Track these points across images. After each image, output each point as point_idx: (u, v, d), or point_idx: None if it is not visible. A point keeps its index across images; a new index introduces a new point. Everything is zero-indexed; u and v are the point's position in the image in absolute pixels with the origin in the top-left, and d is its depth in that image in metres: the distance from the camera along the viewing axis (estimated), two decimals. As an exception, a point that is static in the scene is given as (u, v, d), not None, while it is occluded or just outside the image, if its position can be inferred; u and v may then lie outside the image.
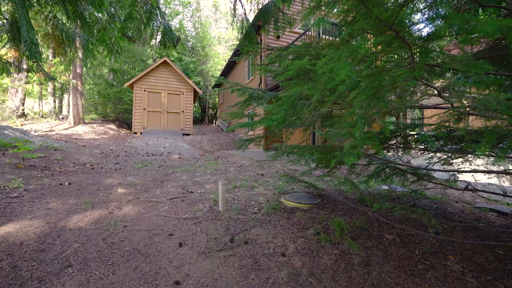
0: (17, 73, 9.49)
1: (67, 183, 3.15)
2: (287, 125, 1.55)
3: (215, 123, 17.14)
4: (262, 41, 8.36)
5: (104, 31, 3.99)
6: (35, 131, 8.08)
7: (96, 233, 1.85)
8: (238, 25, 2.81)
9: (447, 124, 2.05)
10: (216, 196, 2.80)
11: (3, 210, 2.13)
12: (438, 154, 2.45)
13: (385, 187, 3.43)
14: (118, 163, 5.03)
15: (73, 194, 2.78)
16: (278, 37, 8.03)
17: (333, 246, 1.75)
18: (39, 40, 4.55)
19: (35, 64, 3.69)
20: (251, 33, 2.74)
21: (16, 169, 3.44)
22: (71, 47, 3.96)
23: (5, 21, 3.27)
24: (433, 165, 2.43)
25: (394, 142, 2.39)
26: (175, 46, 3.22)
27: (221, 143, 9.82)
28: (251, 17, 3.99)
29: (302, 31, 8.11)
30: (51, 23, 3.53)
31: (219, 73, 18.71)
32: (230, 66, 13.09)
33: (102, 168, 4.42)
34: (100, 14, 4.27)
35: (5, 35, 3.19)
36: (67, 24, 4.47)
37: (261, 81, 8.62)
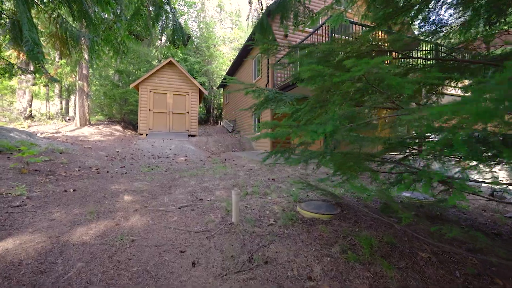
0: (21, 74, 9.47)
1: (71, 190, 3.02)
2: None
3: (220, 123, 17.02)
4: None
5: (110, 30, 3.87)
6: (41, 133, 8.04)
7: (101, 249, 1.70)
8: (253, 20, 2.62)
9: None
10: (227, 204, 2.63)
11: (3, 222, 1.99)
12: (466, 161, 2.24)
13: (407, 194, 3.22)
14: (124, 166, 4.91)
15: (78, 202, 2.64)
16: (286, 35, 7.82)
17: (363, 267, 1.56)
18: (44, 41, 4.45)
19: (38, 65, 3.57)
20: (268, 28, 2.53)
21: (20, 174, 3.33)
22: (75, 47, 3.84)
23: (7, 20, 3.15)
24: (461, 173, 2.22)
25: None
26: (185, 44, 3.05)
27: (227, 144, 9.67)
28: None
29: (310, 30, 7.87)
30: (54, 22, 3.41)
31: (224, 73, 18.55)
32: (236, 66, 12.87)
33: (108, 172, 4.29)
34: (106, 14, 4.14)
35: (7, 35, 3.08)
36: (73, 24, 4.36)
37: (268, 81, 8.43)
